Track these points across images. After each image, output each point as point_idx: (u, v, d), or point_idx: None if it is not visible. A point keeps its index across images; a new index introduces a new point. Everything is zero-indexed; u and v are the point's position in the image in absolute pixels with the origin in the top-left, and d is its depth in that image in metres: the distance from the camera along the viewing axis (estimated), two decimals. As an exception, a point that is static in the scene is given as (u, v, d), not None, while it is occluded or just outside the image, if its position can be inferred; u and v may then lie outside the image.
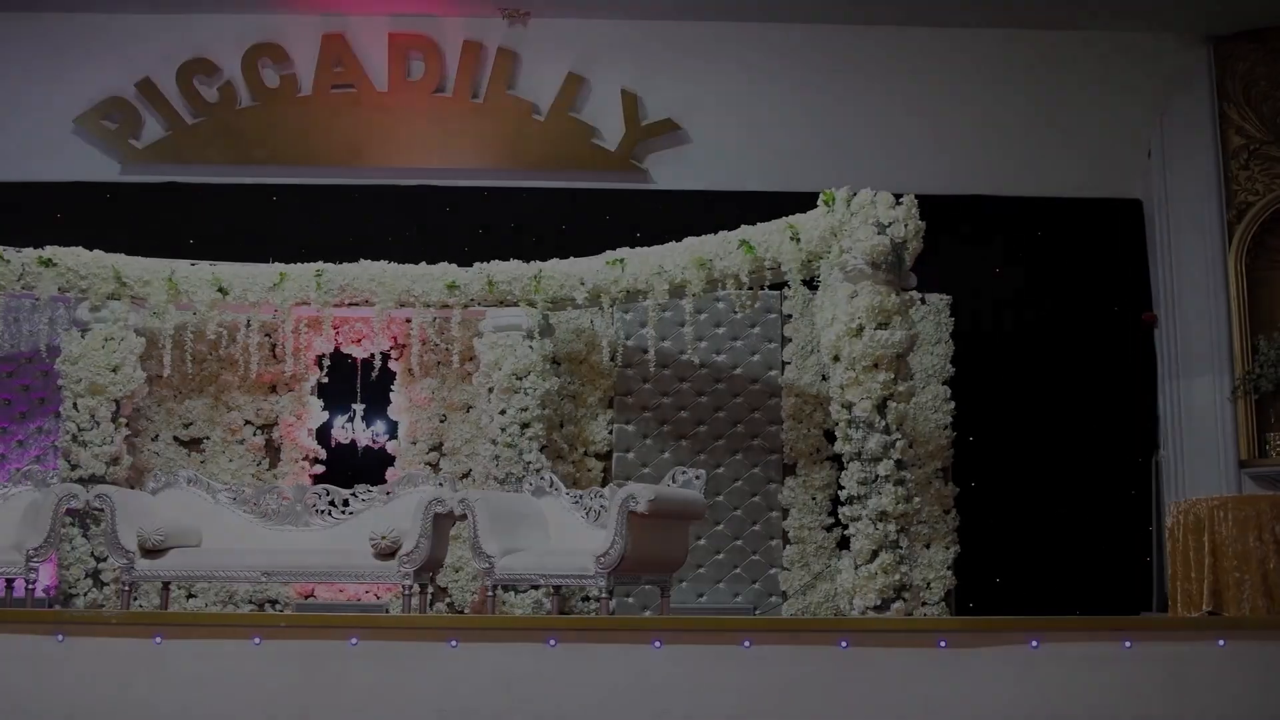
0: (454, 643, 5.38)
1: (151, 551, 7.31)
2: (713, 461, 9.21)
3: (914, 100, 10.32)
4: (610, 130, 10.30)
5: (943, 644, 5.38)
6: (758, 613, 9.00)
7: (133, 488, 8.47)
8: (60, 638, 5.43)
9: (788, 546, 9.14)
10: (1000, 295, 10.03)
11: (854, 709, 5.31)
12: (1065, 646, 5.40)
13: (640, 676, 5.35)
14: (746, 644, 5.38)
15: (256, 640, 5.40)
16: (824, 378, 9.27)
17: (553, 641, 5.37)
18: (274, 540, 7.58)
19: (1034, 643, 5.39)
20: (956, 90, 10.32)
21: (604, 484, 9.04)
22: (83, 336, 8.67)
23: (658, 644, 5.37)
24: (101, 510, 7.44)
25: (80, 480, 8.41)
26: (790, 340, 9.43)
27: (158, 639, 5.41)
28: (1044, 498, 9.70)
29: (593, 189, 10.28)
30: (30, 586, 7.28)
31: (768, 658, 5.36)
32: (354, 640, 5.38)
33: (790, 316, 9.46)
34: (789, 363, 9.40)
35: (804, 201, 7.88)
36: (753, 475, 9.24)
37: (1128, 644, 5.39)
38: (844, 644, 5.38)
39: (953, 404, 9.39)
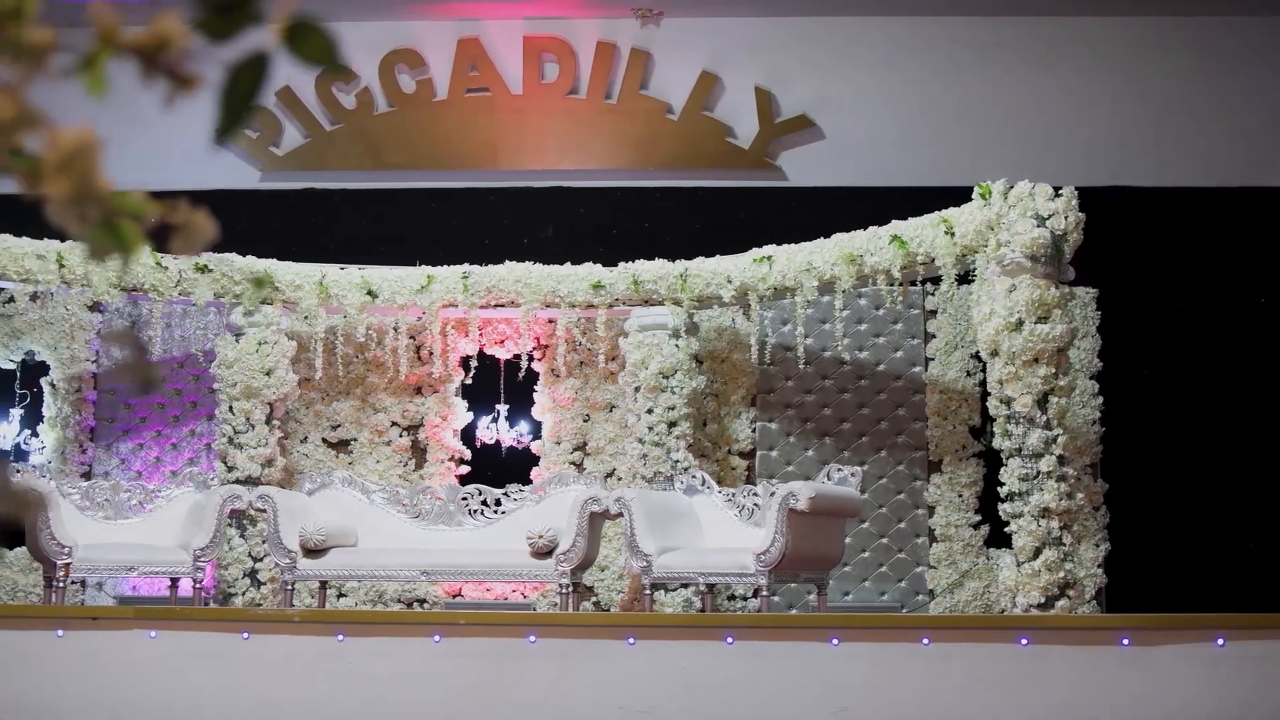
0: (632, 640, 5.40)
1: (313, 551, 7.44)
2: (857, 459, 9.16)
3: (1048, 93, 10.18)
4: (743, 128, 10.28)
5: (1125, 641, 5.29)
6: (904, 612, 8.93)
7: (285, 489, 8.62)
8: (245, 636, 5.54)
9: (934, 544, 9.06)
10: (1146, 288, 9.85)
11: (1035, 707, 5.25)
12: (1253, 645, 5.29)
13: (818, 674, 5.33)
14: (926, 641, 5.33)
15: (436, 638, 5.46)
16: (968, 374, 9.19)
17: (730, 639, 5.37)
18: (428, 540, 7.68)
19: (1220, 640, 5.29)
20: (1095, 81, 10.16)
21: (748, 482, 9.03)
22: (237, 341, 8.84)
23: (835, 641, 5.35)
24: (263, 511, 7.59)
25: (236, 482, 8.58)
26: (934, 336, 9.35)
27: (340, 637, 5.50)
28: (1195, 493, 9.51)
29: (726, 187, 10.27)
30: (198, 586, 7.45)
31: (947, 655, 5.32)
32: (532, 638, 5.42)
33: (934, 312, 9.38)
34: (933, 358, 9.32)
35: (941, 196, 7.80)
36: (897, 472, 9.18)
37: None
38: (1024, 641, 5.32)
39: (1100, 399, 9.24)
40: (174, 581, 7.52)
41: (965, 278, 7.80)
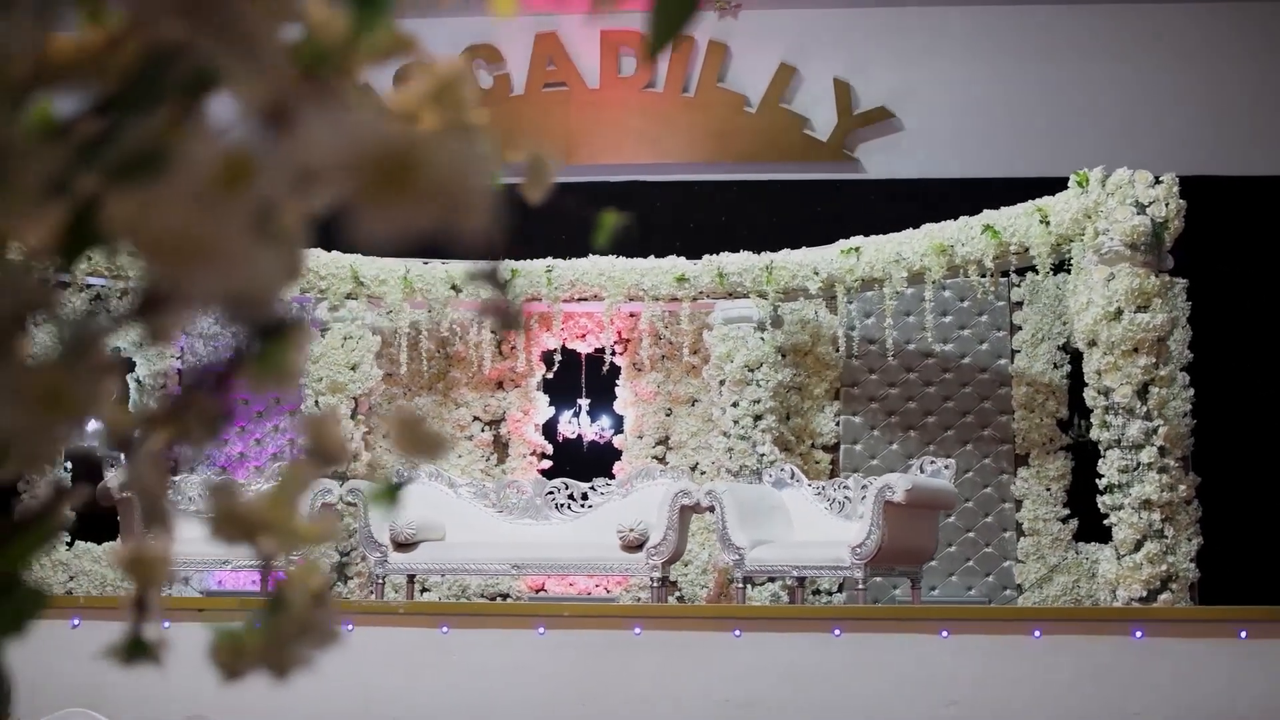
0: (738, 633, 5.36)
1: (403, 545, 7.44)
2: (942, 452, 9.05)
3: (1128, 81, 10.05)
4: (821, 120, 10.21)
5: (1243, 634, 5.20)
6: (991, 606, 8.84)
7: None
8: (349, 627, 5.54)
9: (1022, 539, 8.95)
10: (1236, 278, 9.70)
11: (1149, 701, 5.16)
12: (1373, 637, 5.18)
13: (926, 667, 5.27)
14: (1037, 634, 5.26)
15: (541, 630, 5.44)
16: (1055, 366, 9.07)
17: (838, 631, 5.32)
18: (516, 534, 7.66)
19: (1340, 633, 5.19)
20: (1181, 69, 10.02)
21: (831, 476, 8.96)
22: (322, 336, 8.87)
23: (945, 634, 5.29)
24: (354, 505, 7.60)
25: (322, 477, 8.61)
26: (1020, 328, 9.23)
27: (444, 629, 5.49)
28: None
29: (804, 180, 10.20)
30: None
31: (1059, 648, 5.24)
32: (637, 630, 5.39)
33: (1020, 304, 9.26)
34: (1019, 351, 9.20)
35: (1026, 187, 7.71)
36: (984, 466, 9.08)
37: None
38: (1138, 634, 5.24)
39: (1191, 391, 9.09)
40: (263, 577, 7.55)
41: (1058, 268, 7.70)
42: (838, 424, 9.21)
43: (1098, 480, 7.09)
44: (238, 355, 0.73)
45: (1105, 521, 7.06)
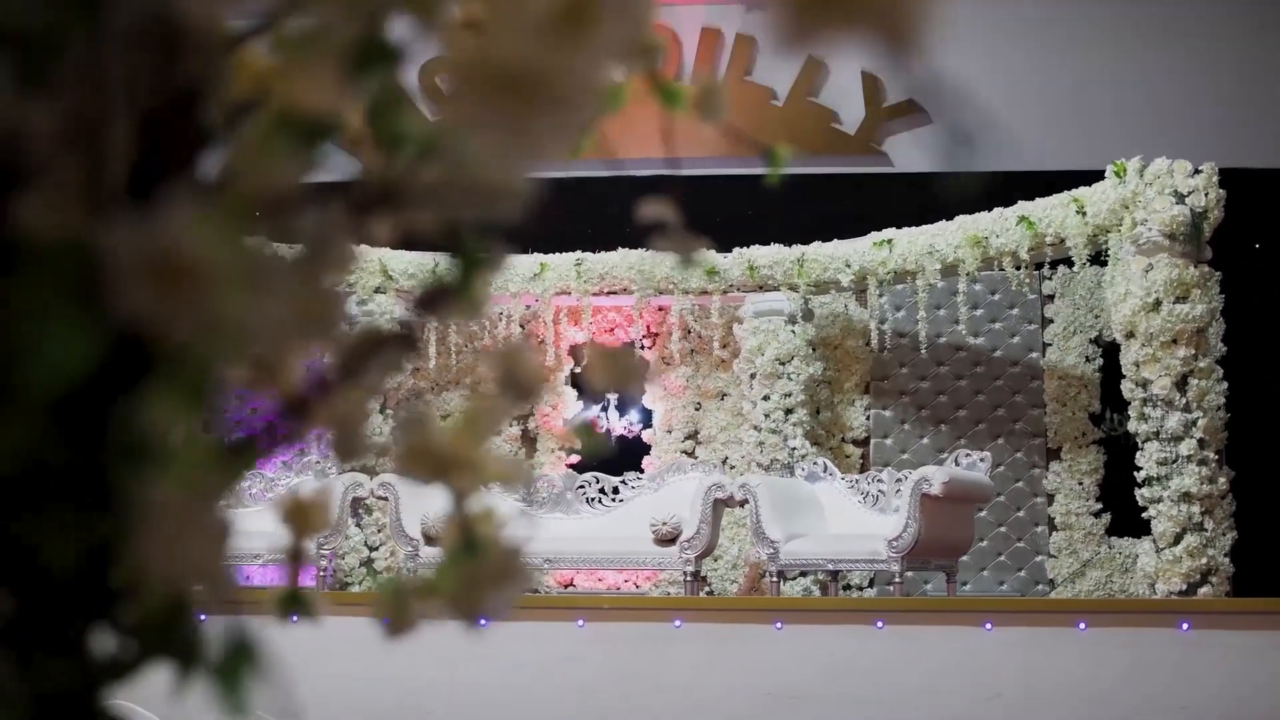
0: (779, 625, 5.31)
1: (434, 539, 7.40)
2: (973, 447, 8.98)
3: (1161, 74, 9.97)
4: (849, 114, 10.15)
5: (1293, 626, 5.13)
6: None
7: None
8: (387, 620, 5.49)
9: (1054, 533, 8.89)
10: (1268, 271, 9.62)
11: (1197, 695, 5.10)
12: None
13: (970, 659, 5.21)
14: (1081, 626, 5.20)
15: (580, 623, 5.40)
16: (1087, 359, 9.00)
17: (880, 623, 5.26)
18: (548, 527, 7.61)
19: (1390, 625, 5.12)
20: (1210, 61, 9.94)
21: (862, 470, 8.91)
22: (350, 330, 8.82)
23: (988, 626, 5.23)
24: (384, 499, 7.56)
25: (351, 471, 8.57)
26: (1051, 321, 9.16)
27: (482, 621, 5.44)
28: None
29: (831, 174, 10.14)
30: (323, 573, 7.44)
31: (1105, 640, 5.18)
32: (678, 622, 5.35)
33: (1051, 297, 9.19)
34: (1050, 344, 9.13)
35: (1057, 180, 7.64)
36: (1015, 460, 9.01)
37: None
38: (1185, 626, 5.17)
39: (1225, 384, 9.01)
40: (291, 571, 7.51)
41: (1094, 259, 7.64)
42: (868, 418, 9.15)
43: (1135, 473, 7.02)
44: (437, 288, 0.69)
45: (1144, 514, 7.00)
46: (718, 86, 0.95)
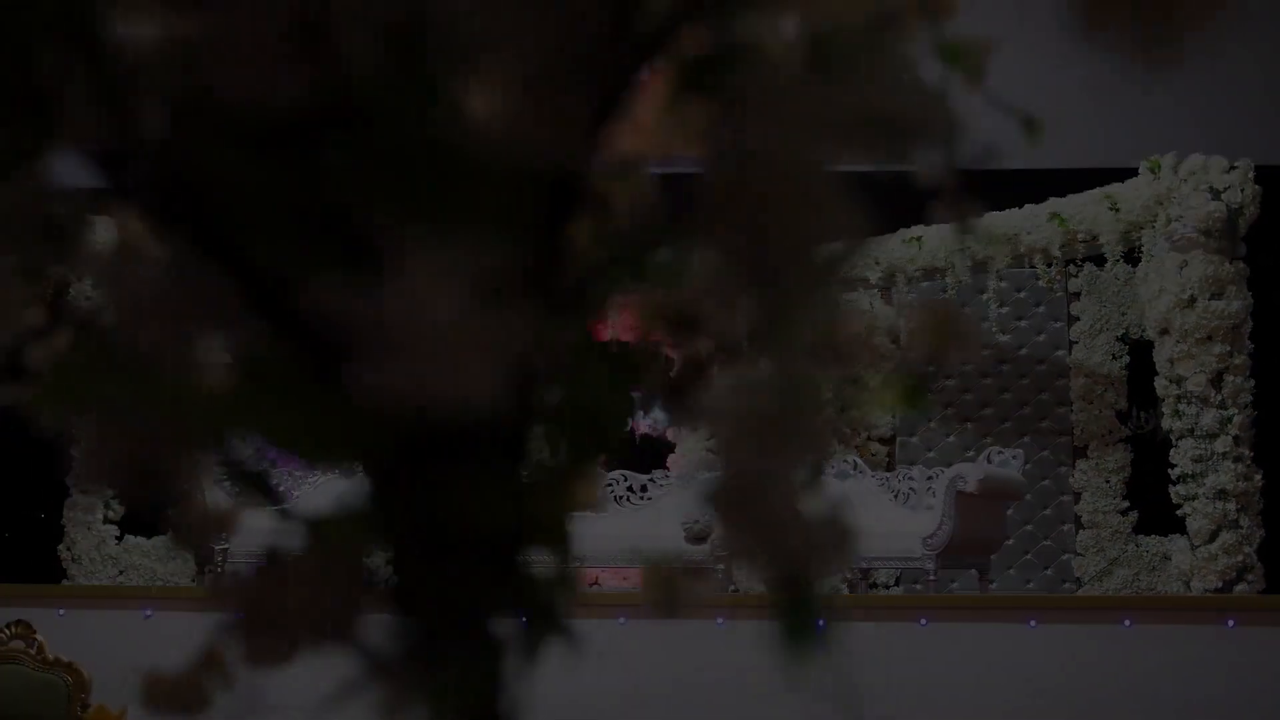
0: (822, 622, 5.28)
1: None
2: (1000, 444, 8.97)
3: (1188, 71, 9.92)
4: (871, 111, 10.12)
5: (1340, 623, 5.12)
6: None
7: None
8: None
9: (1081, 531, 8.86)
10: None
11: (1242, 692, 5.08)
12: None
13: (1014, 656, 5.19)
14: (1127, 623, 5.18)
15: (621, 620, 5.38)
16: (1114, 357, 8.98)
17: (924, 620, 5.25)
18: (577, 525, 7.59)
19: None
20: (1238, 56, 9.89)
21: (888, 468, 8.88)
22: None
23: (1032, 623, 5.21)
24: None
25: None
26: (1078, 319, 9.13)
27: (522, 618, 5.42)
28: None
29: (862, 170, 10.11)
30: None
31: (1149, 637, 5.16)
32: (720, 621, 5.33)
33: (1077, 294, 9.15)
34: (1076, 342, 9.10)
35: (1079, 178, 7.61)
36: (1042, 458, 8.98)
37: None
38: (1230, 623, 5.15)
39: (1252, 381, 8.99)
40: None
41: (1126, 256, 7.62)
42: (894, 416, 9.12)
43: (1170, 470, 7.00)
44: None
45: (1178, 512, 6.98)
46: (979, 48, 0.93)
